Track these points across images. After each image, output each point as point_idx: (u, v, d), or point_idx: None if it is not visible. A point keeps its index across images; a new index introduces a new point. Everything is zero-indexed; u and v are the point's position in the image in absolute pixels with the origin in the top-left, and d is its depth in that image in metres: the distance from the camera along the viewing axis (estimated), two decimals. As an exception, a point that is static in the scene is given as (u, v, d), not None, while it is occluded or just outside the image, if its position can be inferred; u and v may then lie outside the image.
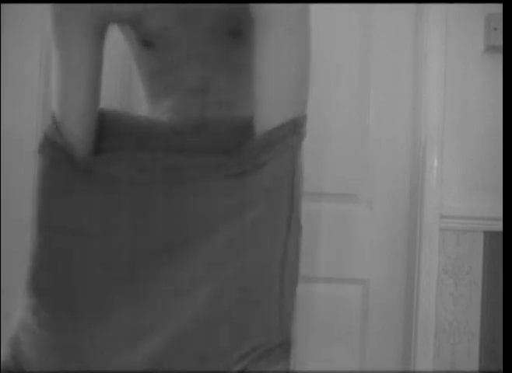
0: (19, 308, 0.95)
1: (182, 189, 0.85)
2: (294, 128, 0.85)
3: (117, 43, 1.66)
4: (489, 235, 1.65)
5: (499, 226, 1.59)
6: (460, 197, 1.67)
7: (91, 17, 0.89)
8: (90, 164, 0.89)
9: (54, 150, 0.91)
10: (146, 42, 1.00)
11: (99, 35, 0.93)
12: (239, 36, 0.98)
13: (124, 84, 1.78)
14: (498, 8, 1.58)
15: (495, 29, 1.62)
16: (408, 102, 1.75)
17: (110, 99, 1.79)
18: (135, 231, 0.86)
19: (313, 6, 1.73)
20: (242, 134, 0.87)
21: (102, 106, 1.00)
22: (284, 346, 0.85)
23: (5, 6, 1.68)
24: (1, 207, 1.70)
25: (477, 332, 1.66)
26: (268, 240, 0.84)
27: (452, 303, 1.66)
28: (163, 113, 1.06)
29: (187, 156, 0.87)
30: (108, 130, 0.95)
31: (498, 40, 1.61)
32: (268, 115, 0.85)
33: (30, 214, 1.74)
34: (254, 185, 0.83)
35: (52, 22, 0.89)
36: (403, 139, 1.76)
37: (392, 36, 1.75)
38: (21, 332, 0.91)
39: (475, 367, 1.65)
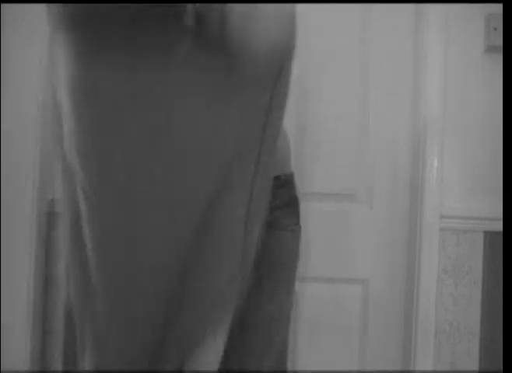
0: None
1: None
2: None
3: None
4: (489, 235, 1.65)
5: (499, 226, 1.59)
6: (460, 197, 1.67)
7: None
8: None
9: None
10: None
11: None
12: None
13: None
14: (498, 8, 1.58)
15: (495, 29, 1.62)
16: (408, 102, 1.75)
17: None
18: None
19: (313, 6, 1.74)
20: None
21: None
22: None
23: (5, 6, 1.68)
24: (1, 207, 1.70)
25: (477, 332, 1.66)
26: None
27: (452, 303, 1.66)
28: None
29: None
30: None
31: (498, 40, 1.61)
32: None
33: (30, 214, 1.74)
34: None
35: None
36: (403, 139, 1.76)
37: (392, 36, 1.75)
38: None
39: (475, 367, 1.65)
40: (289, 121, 1.24)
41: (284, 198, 1.02)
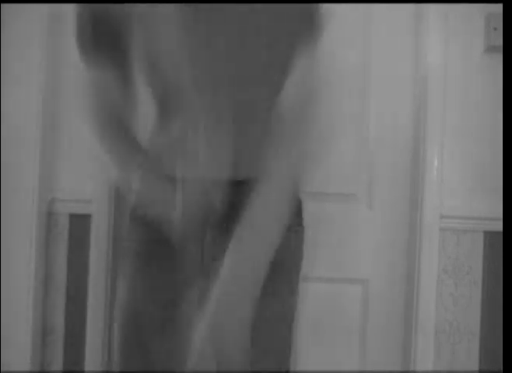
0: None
1: None
2: None
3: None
4: (489, 235, 1.65)
5: (499, 226, 1.59)
6: (460, 197, 1.67)
7: None
8: None
9: None
10: None
11: None
12: None
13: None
14: (498, 8, 1.58)
15: (495, 29, 1.62)
16: (409, 103, 1.75)
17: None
18: None
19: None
20: None
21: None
22: None
23: (5, 6, 1.68)
24: (1, 207, 1.70)
25: (477, 332, 1.66)
26: None
27: (452, 303, 1.66)
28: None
29: None
30: None
31: (498, 40, 1.61)
32: None
33: (30, 214, 1.74)
34: None
35: None
36: (403, 139, 1.76)
37: (392, 36, 1.75)
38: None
39: (475, 367, 1.65)
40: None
41: None
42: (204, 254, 0.96)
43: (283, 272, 0.97)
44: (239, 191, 0.94)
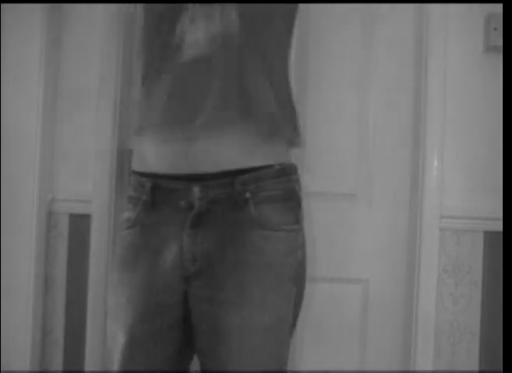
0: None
1: None
2: None
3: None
4: (489, 235, 1.65)
5: (499, 226, 1.59)
6: (460, 197, 1.67)
7: None
8: None
9: None
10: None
11: None
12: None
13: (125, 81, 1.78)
14: (498, 8, 1.58)
15: (495, 29, 1.62)
16: (409, 102, 1.75)
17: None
18: None
19: (313, 6, 1.73)
20: None
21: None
22: None
23: (5, 6, 1.68)
24: (1, 207, 1.70)
25: (477, 332, 1.66)
26: None
27: (452, 303, 1.66)
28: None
29: None
30: None
31: (498, 40, 1.61)
32: None
33: (30, 214, 1.74)
34: None
35: None
36: (403, 139, 1.76)
37: (392, 36, 1.75)
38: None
39: (475, 367, 1.65)
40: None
41: (276, 190, 0.92)
42: (183, 255, 0.91)
43: (269, 275, 0.88)
44: (216, 187, 0.91)
